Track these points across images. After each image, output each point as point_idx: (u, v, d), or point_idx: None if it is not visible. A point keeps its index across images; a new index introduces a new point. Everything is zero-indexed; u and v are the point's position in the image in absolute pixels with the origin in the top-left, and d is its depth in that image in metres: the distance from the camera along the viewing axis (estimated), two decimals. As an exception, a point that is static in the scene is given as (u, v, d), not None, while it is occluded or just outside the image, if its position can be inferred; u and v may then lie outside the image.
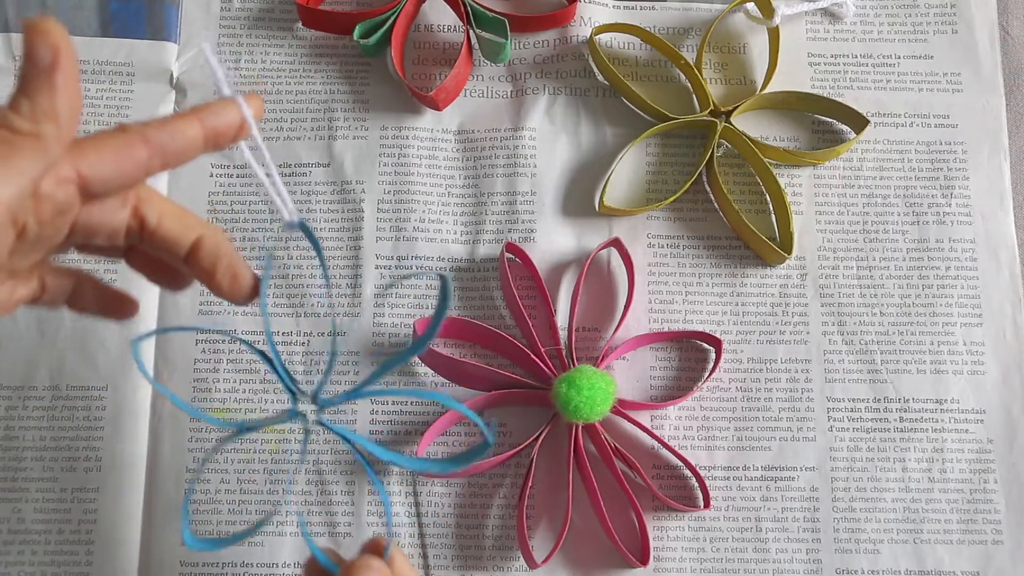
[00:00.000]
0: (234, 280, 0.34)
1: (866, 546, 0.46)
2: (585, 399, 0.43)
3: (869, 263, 0.50)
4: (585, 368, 0.45)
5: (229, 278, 0.34)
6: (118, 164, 0.29)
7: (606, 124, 0.51)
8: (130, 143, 0.30)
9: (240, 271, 0.34)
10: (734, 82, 0.52)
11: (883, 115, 0.52)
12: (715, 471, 0.47)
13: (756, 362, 0.48)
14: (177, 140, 0.30)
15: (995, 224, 0.50)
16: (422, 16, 0.52)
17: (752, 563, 0.46)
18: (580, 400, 0.43)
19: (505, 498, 0.46)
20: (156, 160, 0.30)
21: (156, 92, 0.51)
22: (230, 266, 0.33)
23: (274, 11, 0.52)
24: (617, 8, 0.53)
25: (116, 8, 0.51)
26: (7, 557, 0.45)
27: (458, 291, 0.49)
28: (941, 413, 0.48)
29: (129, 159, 0.29)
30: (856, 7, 0.53)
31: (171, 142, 0.30)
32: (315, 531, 0.46)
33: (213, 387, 0.47)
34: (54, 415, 0.46)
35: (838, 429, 0.48)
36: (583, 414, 0.44)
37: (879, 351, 0.49)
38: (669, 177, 0.51)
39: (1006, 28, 0.53)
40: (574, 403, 0.43)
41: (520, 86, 0.52)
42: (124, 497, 0.45)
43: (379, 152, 0.50)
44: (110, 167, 0.29)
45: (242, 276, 0.34)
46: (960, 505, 0.47)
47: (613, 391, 0.45)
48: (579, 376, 0.44)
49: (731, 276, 0.49)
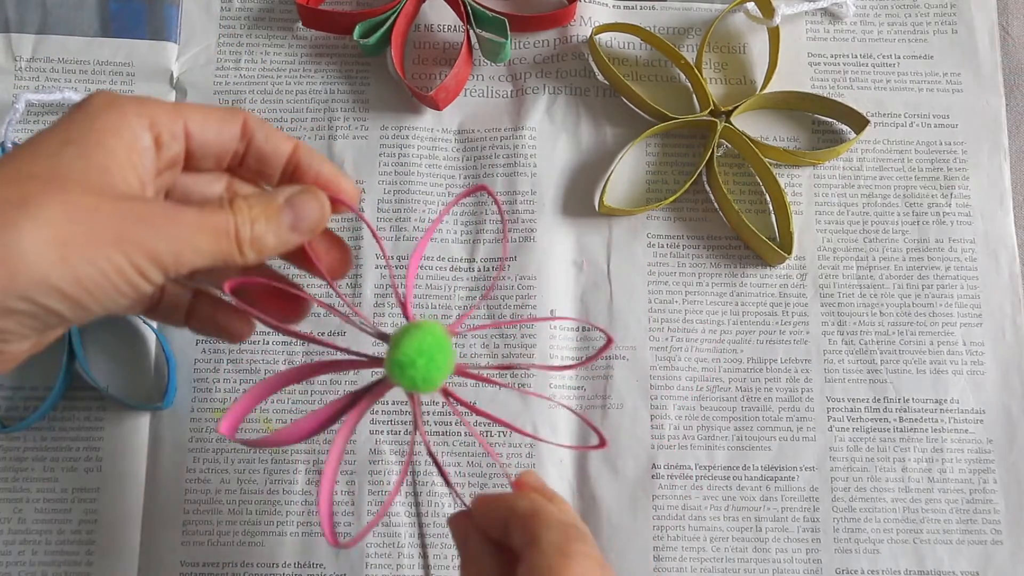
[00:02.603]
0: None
1: (866, 546, 0.46)
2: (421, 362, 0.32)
3: (869, 263, 0.50)
4: (424, 324, 0.33)
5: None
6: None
7: (606, 124, 0.51)
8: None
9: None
10: (734, 82, 0.52)
11: (883, 115, 0.52)
12: (715, 471, 0.47)
13: (756, 362, 0.48)
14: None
15: (995, 224, 0.50)
16: (422, 16, 0.52)
17: (752, 563, 0.46)
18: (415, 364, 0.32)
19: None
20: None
21: (156, 92, 0.51)
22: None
23: (274, 11, 0.52)
24: (617, 8, 0.53)
25: (116, 8, 0.51)
26: (8, 557, 0.45)
27: (458, 291, 0.49)
28: (941, 413, 0.48)
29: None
30: (856, 7, 0.53)
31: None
32: (315, 531, 0.46)
33: (213, 387, 0.47)
34: (54, 415, 0.46)
35: (838, 429, 0.48)
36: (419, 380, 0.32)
37: (879, 351, 0.49)
38: (669, 177, 0.51)
39: (1006, 28, 0.53)
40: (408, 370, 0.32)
41: (520, 86, 0.52)
42: (124, 497, 0.46)
43: (379, 152, 0.50)
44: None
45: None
46: (960, 505, 0.47)
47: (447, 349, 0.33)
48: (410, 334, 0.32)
49: (731, 276, 0.50)
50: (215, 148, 0.32)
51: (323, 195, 0.32)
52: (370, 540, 0.46)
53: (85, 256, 0.27)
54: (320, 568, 0.45)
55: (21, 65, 0.50)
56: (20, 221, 0.26)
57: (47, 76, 0.50)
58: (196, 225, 0.29)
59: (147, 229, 0.28)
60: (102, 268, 0.27)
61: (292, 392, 0.47)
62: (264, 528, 0.46)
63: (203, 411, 0.47)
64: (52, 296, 0.27)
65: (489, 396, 0.47)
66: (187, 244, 0.29)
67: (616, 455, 0.47)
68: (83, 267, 0.27)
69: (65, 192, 0.27)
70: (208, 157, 0.33)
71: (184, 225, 0.29)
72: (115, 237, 0.27)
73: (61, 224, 0.26)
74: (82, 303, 0.27)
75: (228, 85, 0.51)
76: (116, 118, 0.29)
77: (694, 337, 0.49)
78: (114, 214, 0.28)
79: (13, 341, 0.28)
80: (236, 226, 0.30)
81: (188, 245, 0.29)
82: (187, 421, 0.47)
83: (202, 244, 0.29)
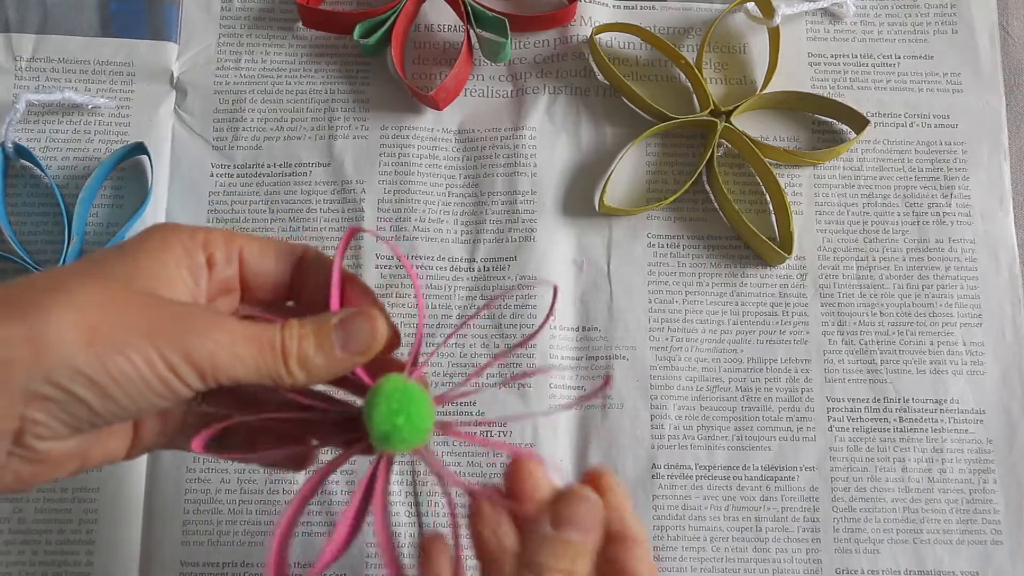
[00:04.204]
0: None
1: (866, 546, 0.46)
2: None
3: (869, 263, 0.50)
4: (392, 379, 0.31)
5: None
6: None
7: (606, 124, 0.51)
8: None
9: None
10: (734, 82, 0.52)
11: (883, 115, 0.52)
12: (715, 471, 0.47)
13: (756, 362, 0.48)
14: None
15: (995, 224, 0.50)
16: (422, 16, 0.52)
17: (752, 563, 0.46)
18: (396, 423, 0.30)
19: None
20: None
21: (156, 92, 0.51)
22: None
23: (274, 11, 0.52)
24: (617, 8, 0.53)
25: (116, 8, 0.51)
26: (8, 557, 0.45)
27: (458, 291, 0.49)
28: (941, 413, 0.48)
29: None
30: (856, 7, 0.53)
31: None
32: (315, 531, 0.46)
33: (213, 387, 0.47)
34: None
35: (838, 429, 0.48)
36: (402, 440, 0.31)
37: (879, 351, 0.49)
38: (669, 177, 0.51)
39: (1006, 28, 0.53)
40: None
41: (520, 86, 0.52)
42: (124, 497, 0.46)
43: (379, 152, 0.50)
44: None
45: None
46: (959, 505, 0.47)
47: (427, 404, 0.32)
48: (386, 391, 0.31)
49: (731, 276, 0.50)
50: (271, 279, 0.32)
51: (379, 318, 0.31)
52: (370, 540, 0.46)
53: (114, 343, 0.26)
54: (320, 568, 0.45)
55: (21, 65, 0.50)
56: (49, 305, 0.26)
57: (47, 76, 0.50)
58: (239, 332, 0.28)
59: (183, 327, 0.27)
60: (131, 359, 0.26)
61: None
62: (264, 528, 0.46)
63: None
64: (78, 381, 0.26)
65: (489, 396, 0.47)
66: (226, 350, 0.27)
67: (616, 455, 0.47)
68: (111, 355, 0.26)
69: (101, 285, 0.27)
70: (264, 288, 0.32)
71: (225, 331, 0.28)
72: (147, 329, 0.27)
73: (91, 311, 0.26)
74: (111, 394, 0.26)
75: (228, 85, 0.51)
76: (170, 234, 0.29)
77: (694, 337, 0.49)
78: (149, 307, 0.27)
79: (47, 438, 0.27)
80: (283, 340, 0.29)
81: (227, 351, 0.28)
82: (187, 421, 0.47)
83: (243, 353, 0.28)
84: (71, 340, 0.26)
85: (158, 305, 0.28)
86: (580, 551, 0.29)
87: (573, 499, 0.30)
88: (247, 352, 0.28)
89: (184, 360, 0.27)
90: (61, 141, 0.50)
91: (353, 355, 0.30)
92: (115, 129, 0.50)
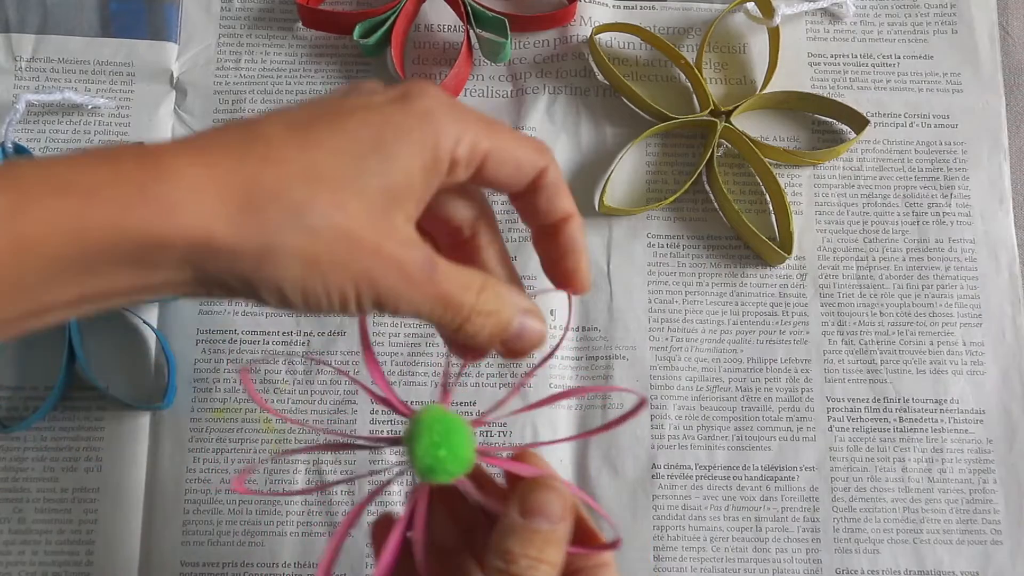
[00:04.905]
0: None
1: (866, 546, 0.46)
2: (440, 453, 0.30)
3: (869, 263, 0.50)
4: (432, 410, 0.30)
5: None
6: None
7: (606, 124, 0.51)
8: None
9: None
10: (734, 82, 0.52)
11: (883, 115, 0.52)
12: (715, 471, 0.47)
13: (756, 362, 0.48)
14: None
15: (995, 224, 0.50)
16: (422, 16, 0.52)
17: (752, 563, 0.46)
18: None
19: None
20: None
21: (156, 92, 0.51)
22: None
23: (274, 11, 0.52)
24: (617, 8, 0.53)
25: (116, 8, 0.51)
26: (8, 557, 0.45)
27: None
28: (941, 413, 0.48)
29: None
30: (856, 7, 0.53)
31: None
32: (315, 531, 0.46)
33: (213, 387, 0.47)
34: (55, 415, 0.46)
35: (838, 429, 0.48)
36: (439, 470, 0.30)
37: (879, 351, 0.49)
38: (669, 177, 0.51)
39: (1006, 28, 0.53)
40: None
41: (520, 86, 0.52)
42: (124, 497, 0.46)
43: (379, 152, 0.50)
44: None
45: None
46: (959, 505, 0.47)
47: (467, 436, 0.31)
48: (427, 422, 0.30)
49: (731, 276, 0.50)
50: (496, 184, 0.31)
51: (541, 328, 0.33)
52: (370, 540, 0.46)
53: (323, 278, 0.26)
54: (320, 568, 0.45)
55: (21, 65, 0.50)
56: (306, 206, 0.26)
57: (47, 76, 0.50)
58: (431, 292, 0.28)
59: (392, 279, 0.27)
60: (328, 292, 0.27)
61: (292, 392, 0.47)
62: (264, 528, 0.46)
63: (203, 411, 0.47)
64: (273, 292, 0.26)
65: (489, 396, 0.47)
66: (414, 308, 0.28)
67: (616, 455, 0.47)
68: (315, 282, 0.26)
69: (344, 214, 0.26)
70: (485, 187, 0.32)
71: (422, 293, 0.28)
72: (356, 275, 0.27)
73: (320, 244, 0.26)
74: (290, 302, 0.27)
75: (228, 85, 0.51)
76: (431, 133, 0.28)
77: (694, 337, 0.49)
78: (375, 256, 0.27)
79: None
80: (470, 311, 0.29)
81: (413, 308, 0.28)
82: (187, 421, 0.47)
83: (424, 309, 0.28)
84: (293, 268, 0.26)
85: (382, 254, 0.27)
86: (548, 539, 0.29)
87: (541, 488, 0.30)
88: (428, 308, 0.29)
89: (373, 304, 0.28)
90: (61, 141, 0.50)
91: (514, 354, 0.33)
92: (115, 129, 0.50)
